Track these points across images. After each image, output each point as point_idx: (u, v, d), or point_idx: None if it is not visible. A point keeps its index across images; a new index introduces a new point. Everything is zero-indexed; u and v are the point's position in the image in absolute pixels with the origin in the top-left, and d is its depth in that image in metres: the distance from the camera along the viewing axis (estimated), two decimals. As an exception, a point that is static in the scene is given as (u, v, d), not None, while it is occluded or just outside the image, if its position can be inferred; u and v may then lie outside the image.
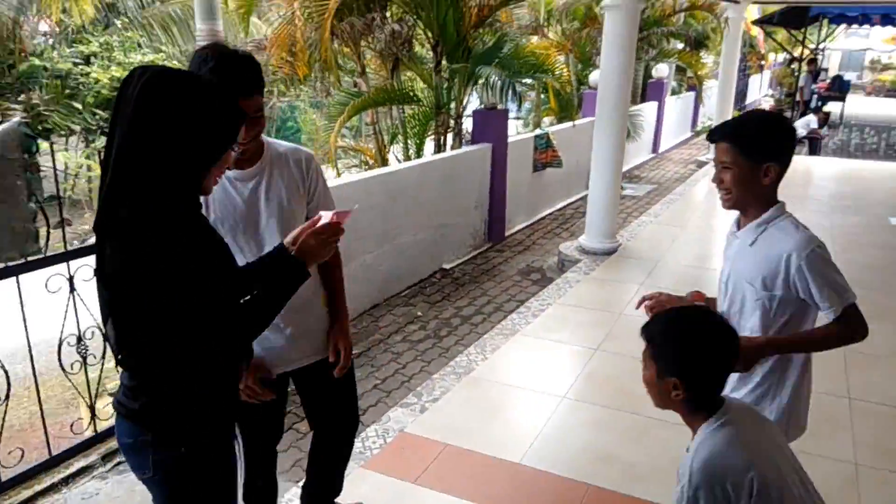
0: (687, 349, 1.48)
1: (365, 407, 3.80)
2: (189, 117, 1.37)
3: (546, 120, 10.32)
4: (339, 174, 6.71)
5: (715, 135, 1.84)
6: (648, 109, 11.73)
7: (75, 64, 10.45)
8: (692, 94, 15.29)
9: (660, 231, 7.07)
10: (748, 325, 1.88)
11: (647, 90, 12.34)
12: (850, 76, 23.95)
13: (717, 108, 11.77)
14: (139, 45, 11.26)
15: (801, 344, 1.86)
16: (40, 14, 10.53)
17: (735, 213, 1.95)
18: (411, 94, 6.46)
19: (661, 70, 12.01)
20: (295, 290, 1.63)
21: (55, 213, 3.03)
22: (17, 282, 2.81)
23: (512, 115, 10.73)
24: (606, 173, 6.07)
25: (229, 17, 9.25)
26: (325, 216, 1.70)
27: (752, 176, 1.79)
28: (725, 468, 1.39)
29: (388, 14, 6.50)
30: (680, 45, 13.82)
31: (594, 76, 8.91)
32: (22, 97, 9.81)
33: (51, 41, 11.01)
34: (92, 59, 10.59)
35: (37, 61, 10.16)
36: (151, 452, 1.54)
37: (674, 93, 14.36)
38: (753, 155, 1.77)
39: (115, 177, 1.37)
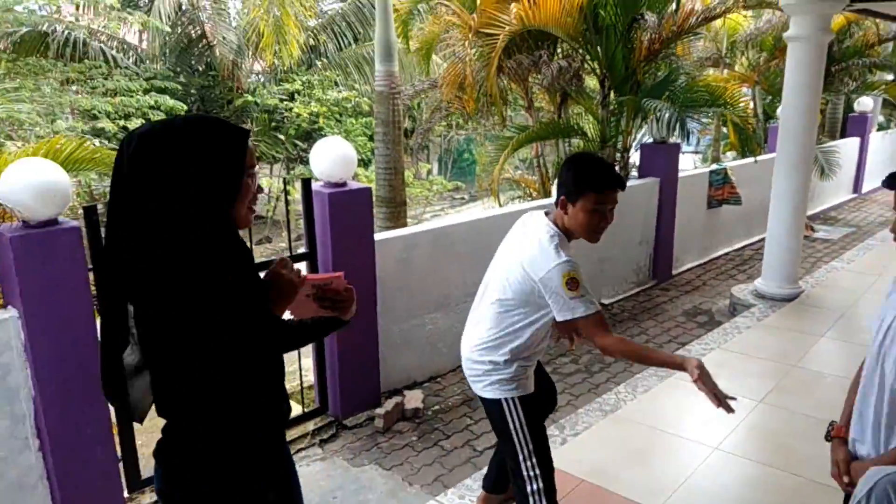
0: None
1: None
2: (181, 171, 1.34)
3: (728, 154, 9.81)
4: (500, 204, 6.88)
5: (893, 182, 1.65)
6: (848, 146, 10.67)
7: (281, 100, 11.79)
8: (905, 130, 13.62)
9: (852, 279, 6.39)
10: None
11: (847, 125, 11.25)
12: None
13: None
14: (336, 84, 12.44)
15: None
16: (255, 56, 12.05)
17: None
18: (575, 127, 6.49)
19: (865, 104, 10.88)
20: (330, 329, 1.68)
21: (258, 231, 3.43)
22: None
23: (689, 149, 10.33)
24: (786, 213, 5.63)
25: (411, 58, 9.94)
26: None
27: None
28: None
29: (557, 50, 6.60)
30: (889, 77, 12.45)
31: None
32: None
33: (261, 79, 12.53)
34: (295, 95, 11.88)
35: (250, 97, 11.61)
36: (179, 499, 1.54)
37: (881, 128, 12.90)
38: None
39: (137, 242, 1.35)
